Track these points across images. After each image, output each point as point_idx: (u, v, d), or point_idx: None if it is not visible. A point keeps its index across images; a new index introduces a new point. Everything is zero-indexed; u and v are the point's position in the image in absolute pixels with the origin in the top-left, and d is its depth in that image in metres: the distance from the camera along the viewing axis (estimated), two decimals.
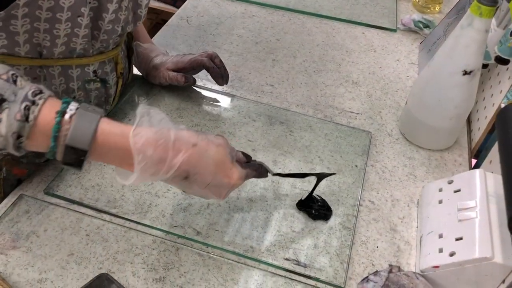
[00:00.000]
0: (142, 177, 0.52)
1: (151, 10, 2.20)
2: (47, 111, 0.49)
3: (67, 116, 0.49)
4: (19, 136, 0.48)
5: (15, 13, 0.58)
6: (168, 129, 0.53)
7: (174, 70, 0.88)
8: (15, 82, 0.49)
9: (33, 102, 0.48)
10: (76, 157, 0.50)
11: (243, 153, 0.64)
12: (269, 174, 0.67)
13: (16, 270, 0.62)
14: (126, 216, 0.70)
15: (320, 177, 0.73)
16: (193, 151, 0.54)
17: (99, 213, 0.70)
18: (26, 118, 0.47)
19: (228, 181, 0.58)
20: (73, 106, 0.50)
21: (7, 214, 0.68)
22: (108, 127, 0.51)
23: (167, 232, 0.68)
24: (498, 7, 0.76)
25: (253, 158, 0.66)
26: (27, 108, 0.48)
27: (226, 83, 0.90)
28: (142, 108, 0.54)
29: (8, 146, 0.49)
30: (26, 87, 0.49)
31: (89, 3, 0.65)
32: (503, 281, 0.61)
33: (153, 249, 0.66)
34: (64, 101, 0.50)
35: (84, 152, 0.49)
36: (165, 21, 1.14)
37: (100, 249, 0.65)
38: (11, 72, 0.49)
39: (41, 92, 0.50)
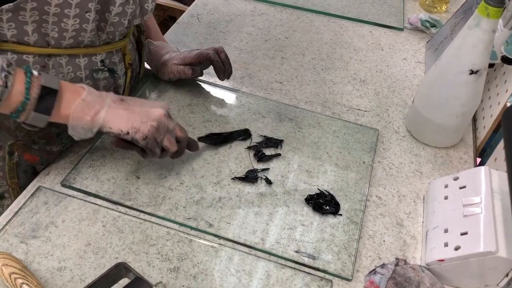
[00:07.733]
0: (90, 97, 0.65)
1: (158, 6, 2.22)
2: (19, 76, 0.61)
3: (35, 73, 0.62)
4: None
5: (23, 6, 0.61)
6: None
7: (181, 65, 0.89)
8: None
9: (9, 72, 0.60)
10: (46, 100, 0.62)
11: None
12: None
13: (37, 258, 0.64)
14: (141, 208, 0.72)
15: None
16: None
17: (114, 205, 0.72)
18: (5, 85, 0.59)
19: (153, 103, 0.71)
20: (35, 70, 0.62)
21: (27, 205, 0.70)
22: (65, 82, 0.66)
23: (181, 224, 0.71)
24: (505, 7, 0.77)
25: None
26: (5, 76, 0.59)
27: (228, 78, 0.92)
28: None
29: None
30: None
31: None
32: (507, 275, 0.63)
33: (167, 240, 0.68)
34: (25, 66, 0.62)
35: (55, 92, 0.62)
36: (172, 18, 1.16)
37: (116, 240, 0.68)
38: None
39: (10, 63, 0.61)
